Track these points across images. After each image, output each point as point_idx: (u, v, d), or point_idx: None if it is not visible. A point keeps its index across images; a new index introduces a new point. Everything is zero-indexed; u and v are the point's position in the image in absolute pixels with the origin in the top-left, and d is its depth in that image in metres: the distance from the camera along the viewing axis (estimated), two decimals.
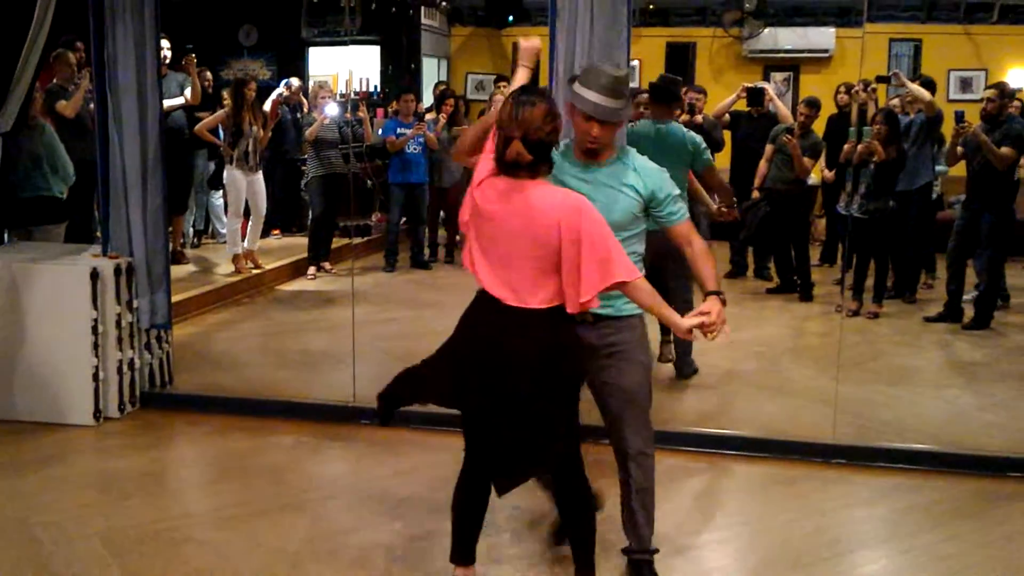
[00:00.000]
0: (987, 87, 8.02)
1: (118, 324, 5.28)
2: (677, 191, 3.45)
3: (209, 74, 9.69)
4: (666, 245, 3.55)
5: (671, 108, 5.89)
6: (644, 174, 3.40)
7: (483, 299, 3.15)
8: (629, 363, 3.45)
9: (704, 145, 5.86)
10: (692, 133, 5.87)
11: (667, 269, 5.15)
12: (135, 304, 5.40)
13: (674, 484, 4.57)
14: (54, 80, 7.10)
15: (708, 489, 4.64)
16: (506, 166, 3.09)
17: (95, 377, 5.18)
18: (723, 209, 6.28)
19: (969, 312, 7.55)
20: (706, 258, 3.36)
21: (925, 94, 8.02)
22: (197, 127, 8.70)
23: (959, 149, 7.56)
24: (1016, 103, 8.47)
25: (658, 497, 3.61)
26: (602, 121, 3.27)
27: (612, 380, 3.44)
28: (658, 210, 3.40)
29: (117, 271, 5.27)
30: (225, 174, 8.70)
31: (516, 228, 3.06)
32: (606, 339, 3.42)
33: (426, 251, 9.97)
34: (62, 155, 6.51)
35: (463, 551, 3.41)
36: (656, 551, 3.64)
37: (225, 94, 9.32)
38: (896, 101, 8.43)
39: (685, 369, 6.07)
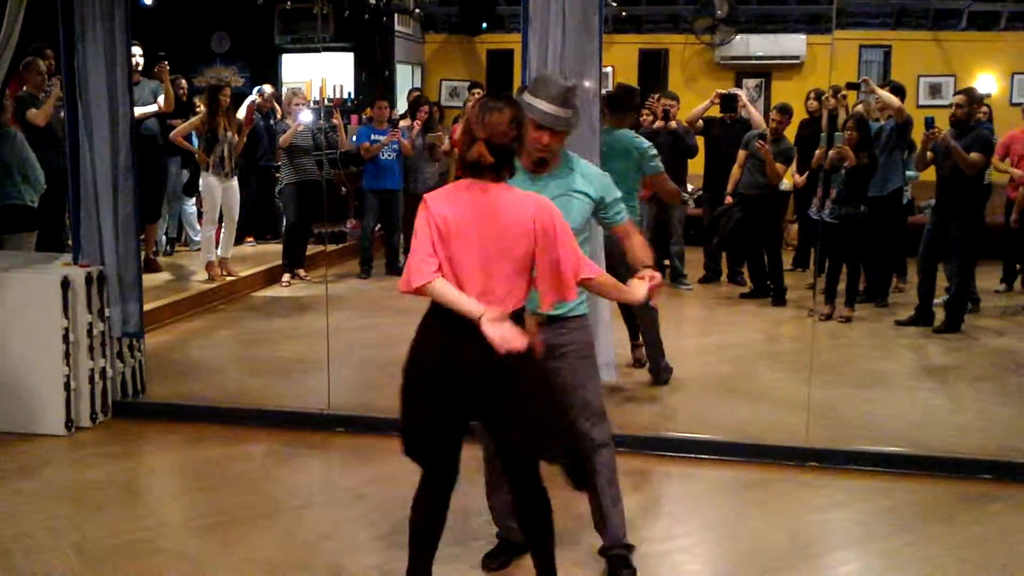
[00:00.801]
0: (956, 93, 8.11)
1: (89, 333, 5.24)
2: (619, 194, 3.63)
3: (184, 82, 9.65)
4: (622, 251, 3.69)
5: (624, 117, 5.93)
6: (591, 179, 3.55)
7: (450, 319, 3.06)
8: (582, 362, 3.53)
9: (653, 151, 5.90)
10: (640, 139, 5.92)
11: (620, 275, 5.20)
12: (107, 313, 5.36)
13: (645, 488, 4.58)
14: (24, 88, 7.04)
15: (680, 493, 4.65)
16: (468, 167, 3.10)
17: (66, 386, 5.14)
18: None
19: (940, 316, 7.62)
20: (644, 247, 3.59)
21: (895, 100, 8.09)
22: (172, 134, 8.66)
23: (929, 154, 7.64)
24: (984, 108, 8.58)
25: (628, 502, 3.62)
26: (552, 130, 3.36)
27: (568, 380, 3.47)
28: (605, 212, 3.57)
29: (88, 280, 5.23)
30: (200, 181, 8.66)
31: (490, 233, 3.06)
32: (558, 339, 3.45)
33: (401, 257, 9.92)
34: (33, 163, 6.46)
35: (424, 571, 3.30)
36: (632, 547, 3.66)
37: (198, 100, 9.28)
38: (860, 107, 8.49)
39: (662, 375, 6.09)
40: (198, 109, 9.00)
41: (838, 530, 4.26)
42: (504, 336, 2.94)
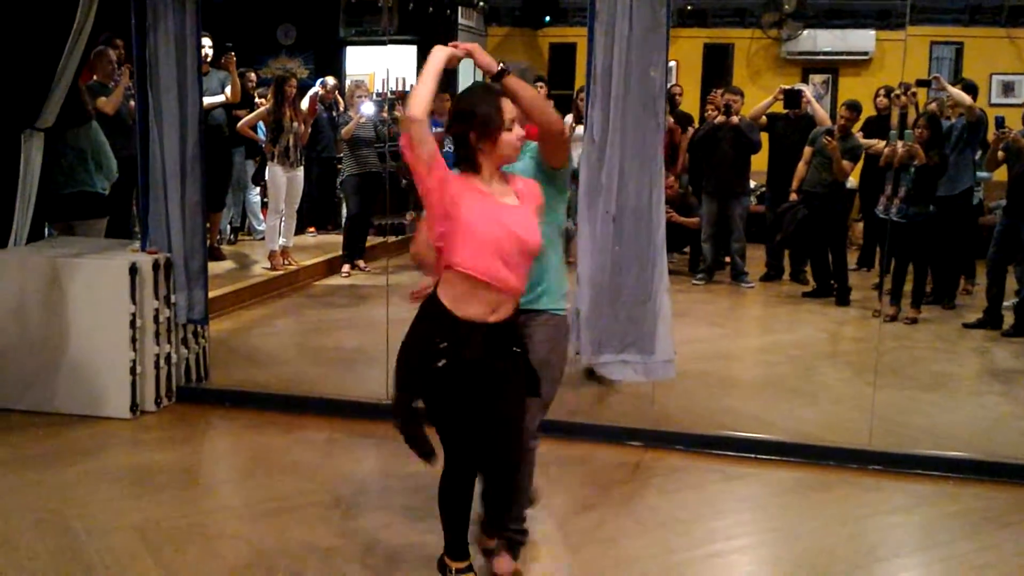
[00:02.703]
0: None
1: (156, 319, 5.33)
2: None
3: (253, 75, 9.78)
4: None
5: None
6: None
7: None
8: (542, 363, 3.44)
9: None
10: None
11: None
12: (172, 299, 5.45)
13: (704, 488, 4.54)
14: (94, 77, 7.18)
15: (739, 494, 4.59)
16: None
17: (132, 371, 5.24)
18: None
19: (1009, 319, 7.45)
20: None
21: (966, 98, 7.91)
22: (239, 124, 8.78)
23: (1000, 154, 7.46)
24: None
25: (686, 500, 3.57)
26: None
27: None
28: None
29: (155, 266, 5.32)
30: (266, 170, 8.77)
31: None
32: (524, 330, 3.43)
33: None
34: (107, 151, 6.57)
35: (462, 546, 3.42)
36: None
37: (257, 95, 9.39)
38: (934, 105, 8.32)
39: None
40: (258, 102, 9.10)
41: (900, 535, 4.18)
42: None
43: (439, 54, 3.15)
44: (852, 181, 8.95)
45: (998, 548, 4.01)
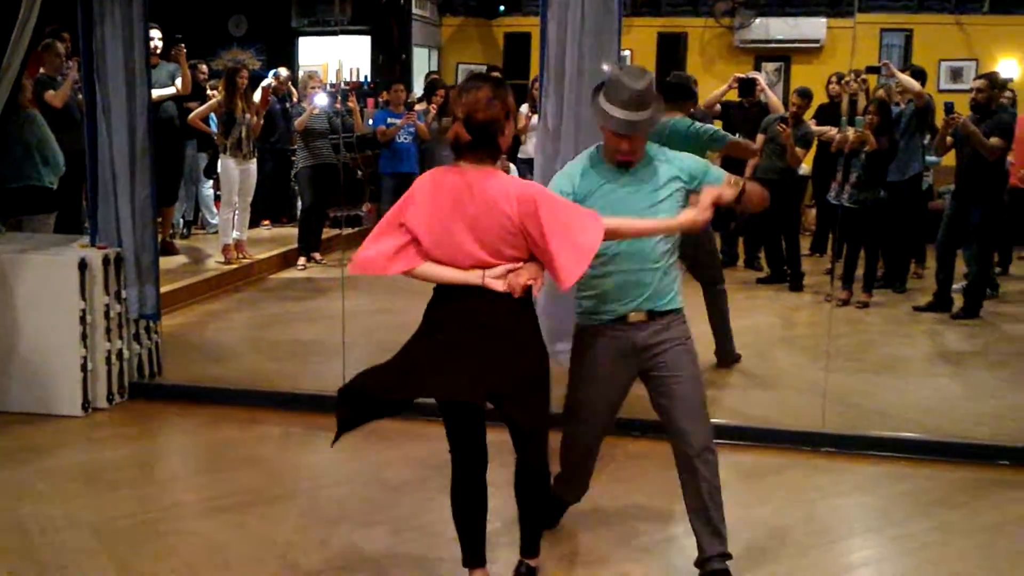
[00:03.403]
0: (976, 77, 8.03)
1: (107, 314, 5.27)
2: (707, 163, 3.57)
3: (204, 67, 9.67)
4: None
5: (682, 106, 5.89)
6: (677, 163, 3.48)
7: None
8: (681, 356, 3.43)
9: (712, 129, 5.98)
10: (696, 124, 5.89)
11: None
12: (123, 295, 5.39)
13: (665, 474, 4.54)
14: (42, 70, 7.06)
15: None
16: (452, 148, 3.13)
17: (83, 368, 5.17)
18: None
19: (958, 301, 7.57)
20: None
21: (915, 84, 8.02)
22: (190, 116, 8.68)
23: (949, 139, 7.57)
24: (1009, 93, 8.49)
25: (645, 484, 3.61)
26: (630, 136, 3.31)
27: (665, 374, 3.43)
28: (707, 182, 3.46)
29: (106, 261, 5.25)
30: (219, 163, 8.69)
31: (466, 214, 3.06)
32: (656, 336, 3.41)
33: None
34: (53, 145, 6.48)
35: (474, 553, 3.35)
36: (731, 556, 3.47)
37: (209, 87, 9.29)
38: (882, 91, 8.42)
39: (727, 358, 6.12)
40: (210, 94, 9.01)
41: (854, 515, 4.25)
42: (512, 283, 3.03)
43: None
44: (805, 168, 9.03)
45: (949, 526, 4.08)
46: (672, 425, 3.44)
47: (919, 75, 8.34)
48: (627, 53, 11.62)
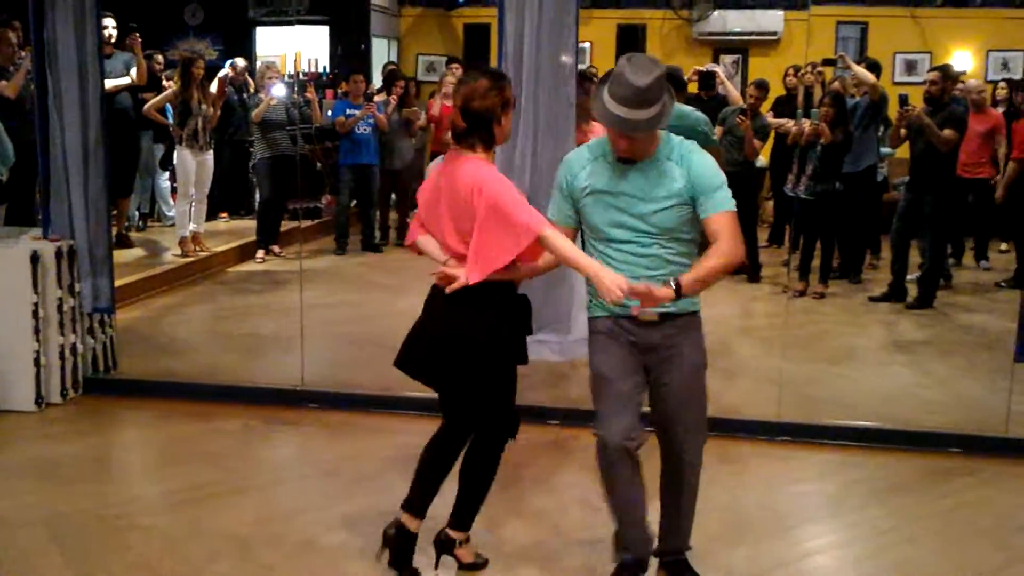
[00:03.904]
0: (930, 70, 8.13)
1: (60, 308, 5.19)
2: (720, 180, 3.15)
3: (160, 57, 9.55)
4: None
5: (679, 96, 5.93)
6: (691, 166, 3.12)
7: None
8: (684, 362, 3.29)
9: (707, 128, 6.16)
10: (696, 112, 5.92)
11: None
12: (77, 288, 5.31)
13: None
14: None
15: (652, 468, 4.65)
16: (451, 136, 3.24)
17: (36, 362, 5.10)
18: None
19: (912, 291, 7.68)
20: (714, 257, 3.10)
21: (870, 76, 8.10)
22: (145, 107, 8.57)
23: (903, 131, 7.66)
24: (961, 85, 8.61)
25: (592, 474, 3.61)
26: (629, 134, 3.03)
27: (666, 381, 3.29)
28: (700, 206, 3.12)
29: (58, 254, 5.18)
30: (175, 154, 8.59)
31: (451, 201, 3.19)
32: (665, 339, 3.24)
33: (377, 233, 9.91)
34: (2, 136, 6.37)
35: (418, 504, 3.45)
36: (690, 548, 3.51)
37: (165, 77, 9.18)
38: (836, 83, 8.50)
39: None
40: (166, 84, 8.90)
41: (809, 503, 4.30)
42: (444, 273, 3.19)
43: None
44: (762, 160, 9.10)
45: (902, 512, 4.14)
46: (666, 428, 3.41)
47: (875, 67, 8.43)
48: (586, 45, 11.65)
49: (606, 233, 3.17)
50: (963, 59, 11.52)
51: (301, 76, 10.61)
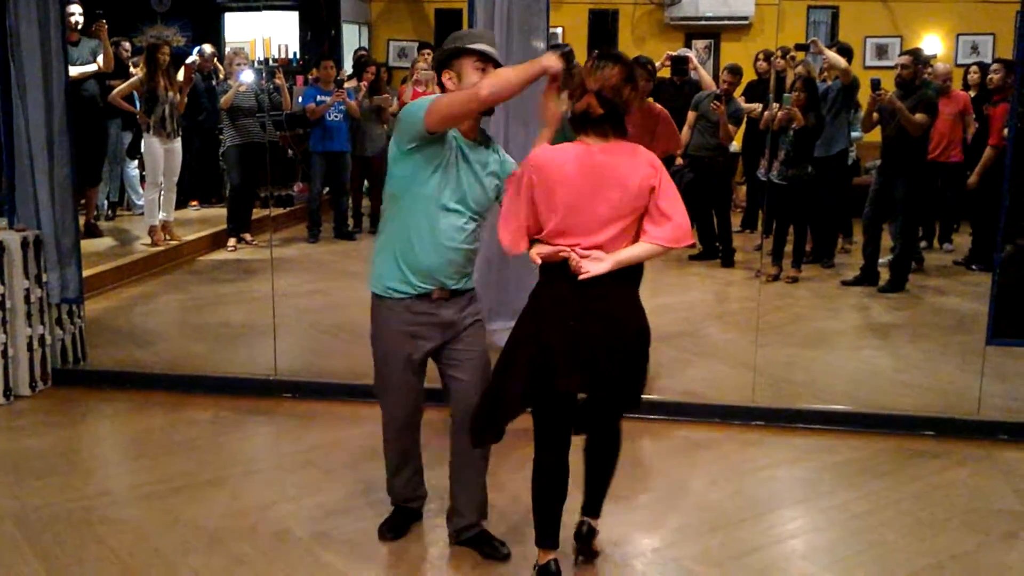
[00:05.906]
0: (901, 54, 8.15)
1: (27, 299, 5.13)
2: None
3: (127, 44, 9.42)
4: None
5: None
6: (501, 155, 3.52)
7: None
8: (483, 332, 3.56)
9: None
10: None
11: None
12: (44, 278, 5.24)
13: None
14: None
15: (629, 452, 4.63)
16: (576, 120, 3.09)
17: (4, 354, 5.04)
18: None
19: (885, 275, 7.72)
20: None
21: (841, 61, 8.11)
22: (111, 95, 8.45)
23: (874, 115, 7.69)
24: (930, 69, 8.65)
25: (579, 462, 3.60)
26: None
27: (469, 349, 3.50)
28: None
29: (24, 244, 5.11)
30: (142, 142, 8.48)
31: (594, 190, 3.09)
32: (464, 311, 3.48)
33: (350, 221, 9.85)
34: None
35: (551, 535, 3.33)
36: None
37: (133, 63, 9.07)
38: (801, 67, 8.50)
39: None
40: (133, 71, 8.79)
41: (783, 487, 4.31)
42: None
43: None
44: (735, 145, 9.11)
45: (876, 495, 4.16)
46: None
47: (846, 52, 8.45)
48: (558, 30, 11.59)
49: None
50: (933, 43, 11.56)
51: (271, 62, 10.50)
